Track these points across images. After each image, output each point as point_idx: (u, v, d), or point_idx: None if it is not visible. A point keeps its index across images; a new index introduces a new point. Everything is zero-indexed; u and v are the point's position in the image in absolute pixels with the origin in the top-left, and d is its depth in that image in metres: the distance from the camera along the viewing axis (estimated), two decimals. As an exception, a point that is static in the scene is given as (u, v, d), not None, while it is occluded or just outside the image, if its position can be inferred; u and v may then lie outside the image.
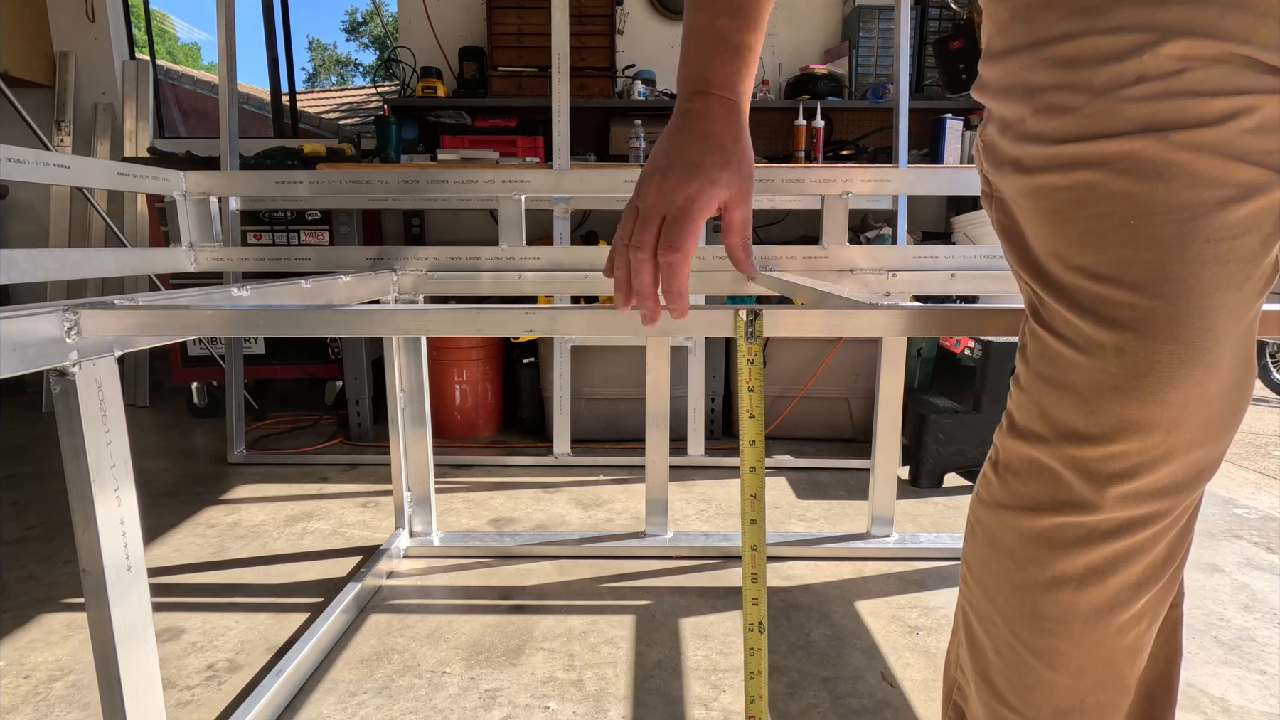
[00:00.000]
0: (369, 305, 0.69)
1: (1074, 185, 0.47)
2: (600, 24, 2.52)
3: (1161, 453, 0.46)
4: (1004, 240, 0.56)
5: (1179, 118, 0.43)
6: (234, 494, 1.79)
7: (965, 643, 0.60)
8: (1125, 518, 0.48)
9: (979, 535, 0.57)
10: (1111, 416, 0.46)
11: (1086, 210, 0.47)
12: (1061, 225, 0.48)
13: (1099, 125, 0.45)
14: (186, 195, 1.28)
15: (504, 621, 1.20)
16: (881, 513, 1.47)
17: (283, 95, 3.22)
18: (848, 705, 0.99)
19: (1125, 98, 0.44)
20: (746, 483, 0.64)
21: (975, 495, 0.58)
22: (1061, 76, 0.47)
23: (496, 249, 1.27)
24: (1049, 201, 0.49)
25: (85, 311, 0.63)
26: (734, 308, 0.63)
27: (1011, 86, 0.50)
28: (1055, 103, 0.47)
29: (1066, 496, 0.49)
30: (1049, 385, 0.49)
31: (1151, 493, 0.48)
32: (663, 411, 1.40)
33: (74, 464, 0.64)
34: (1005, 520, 0.53)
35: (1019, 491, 0.52)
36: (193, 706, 0.99)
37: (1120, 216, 0.45)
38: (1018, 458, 0.53)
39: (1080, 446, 0.48)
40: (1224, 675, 1.06)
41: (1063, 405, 0.49)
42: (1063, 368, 0.48)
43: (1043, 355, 0.50)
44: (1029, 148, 0.50)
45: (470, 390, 2.25)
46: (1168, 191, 0.44)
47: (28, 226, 2.90)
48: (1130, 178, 0.45)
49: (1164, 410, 0.45)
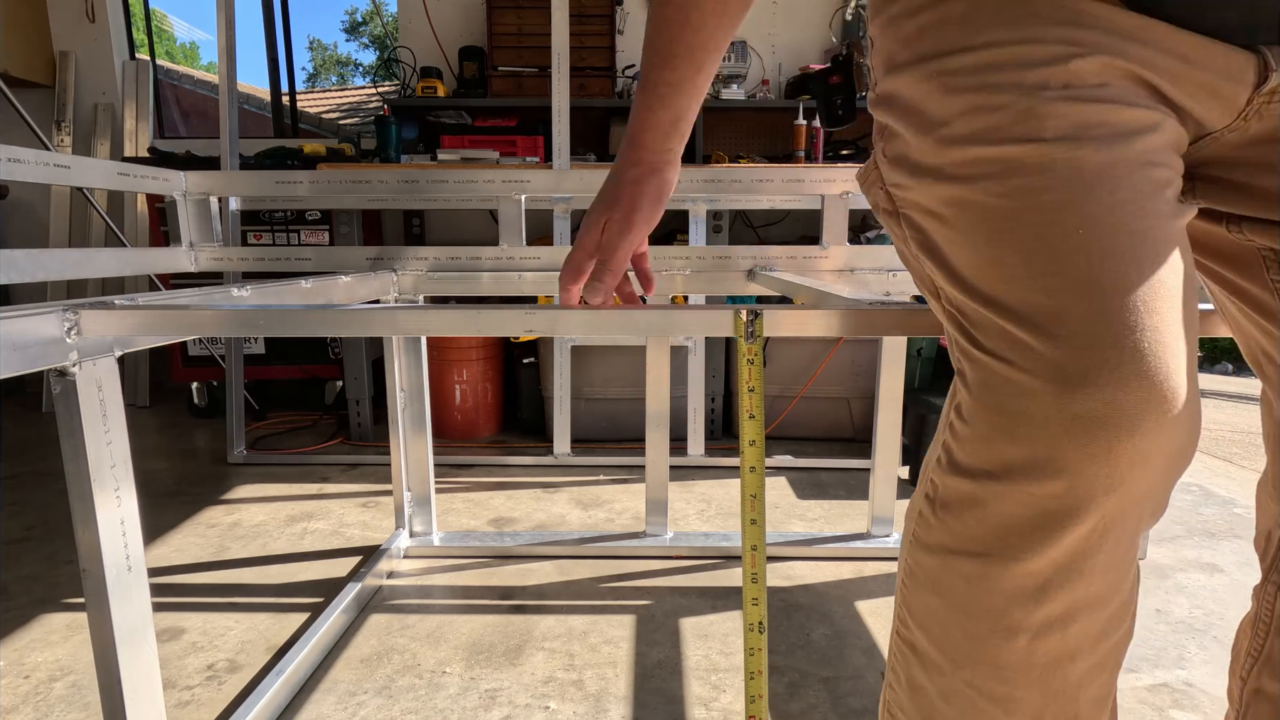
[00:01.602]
0: (369, 305, 0.69)
1: (1011, 192, 0.45)
2: (600, 24, 2.52)
3: (1140, 487, 0.42)
4: (922, 257, 0.52)
5: (1109, 126, 0.44)
6: (234, 494, 1.79)
7: (905, 688, 0.54)
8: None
9: (920, 579, 0.51)
10: (1075, 450, 0.41)
11: (1031, 219, 0.44)
12: (1000, 234, 0.45)
13: (1032, 125, 0.44)
14: (186, 195, 1.28)
15: (504, 621, 1.20)
16: (882, 513, 1.47)
17: (283, 95, 3.22)
18: (848, 705, 0.99)
19: (1056, 98, 0.44)
20: (746, 483, 0.64)
21: (911, 535, 0.52)
22: (988, 77, 0.46)
23: (496, 249, 1.27)
24: (980, 211, 0.46)
25: (85, 311, 0.63)
26: (734, 308, 0.63)
27: (929, 91, 0.49)
28: (983, 103, 0.46)
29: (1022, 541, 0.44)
30: (999, 415, 0.44)
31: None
32: (663, 411, 1.40)
33: (74, 464, 0.64)
34: (952, 565, 0.48)
35: (965, 534, 0.47)
36: (193, 706, 0.99)
37: (1067, 225, 0.43)
38: (962, 497, 0.47)
39: (1040, 483, 0.42)
40: (1224, 675, 1.06)
41: (1017, 438, 0.43)
42: (1013, 395, 0.43)
43: (986, 383, 0.45)
44: (955, 151, 0.47)
45: (470, 390, 2.25)
46: (1113, 200, 0.43)
47: (28, 226, 2.90)
48: (1073, 186, 0.43)
49: (1141, 439, 0.41)
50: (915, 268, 0.54)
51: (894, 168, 0.53)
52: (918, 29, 0.50)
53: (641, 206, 0.62)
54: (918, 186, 0.51)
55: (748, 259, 1.26)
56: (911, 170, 0.51)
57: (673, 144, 0.62)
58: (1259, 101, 0.47)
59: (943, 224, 0.49)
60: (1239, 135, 0.49)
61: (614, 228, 0.62)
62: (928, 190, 0.50)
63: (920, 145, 0.50)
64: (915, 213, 0.52)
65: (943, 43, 0.49)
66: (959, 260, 0.48)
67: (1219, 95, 0.47)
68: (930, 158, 0.49)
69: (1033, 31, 0.45)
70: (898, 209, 0.54)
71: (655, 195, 0.62)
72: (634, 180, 0.62)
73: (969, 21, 0.47)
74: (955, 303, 0.49)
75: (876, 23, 0.55)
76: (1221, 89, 0.47)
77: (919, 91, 0.50)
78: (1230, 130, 0.49)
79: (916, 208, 0.52)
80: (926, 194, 0.50)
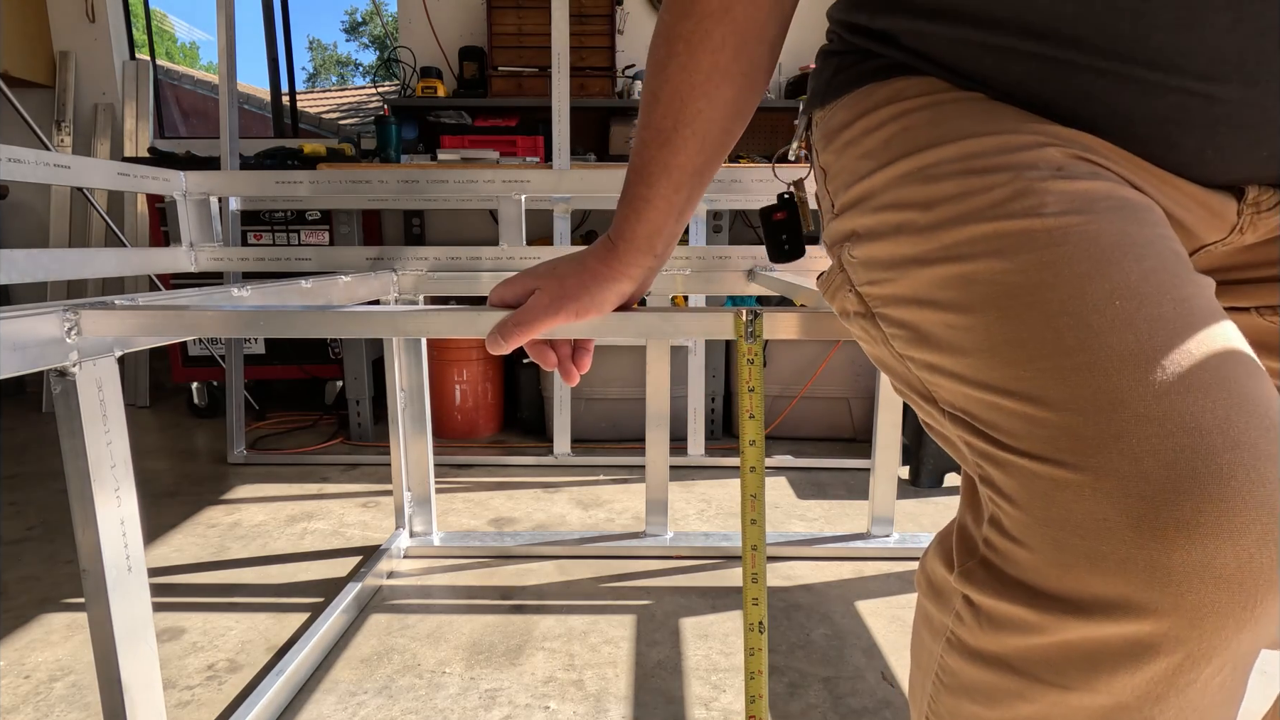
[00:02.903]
0: (369, 306, 0.69)
1: (1024, 267, 0.38)
2: (600, 24, 2.51)
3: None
4: (910, 354, 0.45)
5: (1116, 199, 0.40)
6: (234, 494, 1.79)
7: None
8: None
9: (953, 688, 0.42)
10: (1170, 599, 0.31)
11: (1053, 293, 0.37)
12: (1018, 311, 0.38)
13: (1032, 201, 0.40)
14: (186, 195, 1.28)
15: (504, 621, 1.20)
16: (882, 513, 1.47)
17: (283, 95, 3.21)
18: (848, 705, 0.99)
19: (1050, 177, 0.41)
20: (747, 483, 0.64)
21: (945, 642, 0.42)
22: (972, 163, 0.42)
23: (496, 249, 1.27)
24: (988, 287, 0.39)
25: (85, 312, 0.63)
26: (734, 310, 0.63)
27: (907, 183, 0.45)
28: (973, 185, 0.41)
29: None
30: (1067, 534, 0.33)
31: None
32: (663, 411, 1.40)
33: (74, 464, 0.64)
34: (1013, 685, 0.38)
35: (1027, 655, 0.36)
36: (193, 706, 0.99)
37: (1098, 295, 0.36)
38: (1022, 622, 0.36)
39: (1136, 621, 0.32)
40: (1224, 675, 1.06)
41: (1098, 568, 0.33)
42: (1082, 514, 0.33)
43: (1036, 492, 0.35)
44: (947, 233, 0.42)
45: (470, 390, 2.25)
46: (1142, 269, 0.37)
47: (28, 226, 2.90)
48: (1093, 255, 0.37)
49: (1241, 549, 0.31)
50: (899, 370, 0.47)
51: (866, 267, 0.48)
52: (883, 141, 0.48)
53: (580, 298, 0.57)
54: (901, 278, 0.44)
55: (747, 259, 1.26)
56: (889, 264, 0.45)
57: (646, 261, 0.57)
58: (1249, 213, 0.46)
59: (939, 309, 0.41)
60: (1235, 245, 0.48)
61: (542, 299, 0.57)
62: (915, 277, 0.43)
63: (899, 237, 0.44)
64: (897, 307, 0.45)
65: (914, 143, 0.45)
66: (966, 343, 0.40)
67: (1208, 207, 0.46)
68: (914, 247, 0.43)
69: (1006, 125, 0.43)
70: (871, 310, 0.48)
71: (601, 299, 0.58)
72: (594, 276, 0.57)
73: (937, 123, 0.45)
74: (960, 401, 0.41)
75: (830, 151, 0.54)
76: (1210, 202, 0.45)
77: (896, 184, 0.45)
78: (1224, 244, 0.48)
79: (899, 301, 0.45)
80: (914, 282, 0.43)
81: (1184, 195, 0.45)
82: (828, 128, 0.54)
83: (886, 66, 0.50)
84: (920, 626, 0.46)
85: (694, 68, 0.50)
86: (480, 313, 0.62)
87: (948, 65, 0.47)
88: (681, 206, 0.55)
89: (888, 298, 0.46)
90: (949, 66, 0.47)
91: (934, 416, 0.44)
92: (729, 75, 0.50)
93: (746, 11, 0.49)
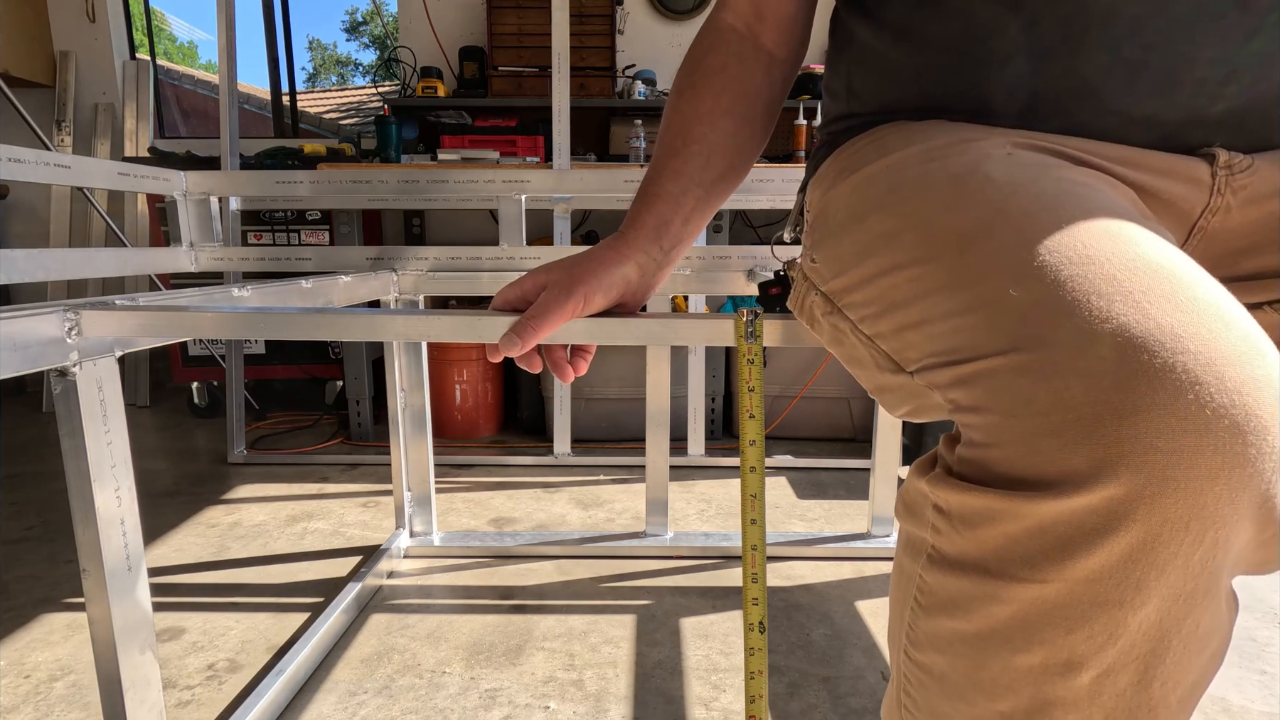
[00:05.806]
0: (369, 308, 0.69)
1: (982, 215, 0.44)
2: (600, 24, 2.51)
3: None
4: (881, 320, 0.47)
5: (1064, 169, 0.48)
6: (234, 494, 1.79)
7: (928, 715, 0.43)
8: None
9: (930, 608, 0.41)
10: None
11: (1010, 223, 0.41)
12: (978, 244, 0.41)
13: (987, 167, 0.47)
14: (187, 195, 1.28)
15: (504, 621, 1.20)
16: (882, 512, 1.47)
17: (283, 95, 3.21)
18: (848, 705, 0.99)
19: (1002, 158, 0.47)
20: (747, 483, 0.64)
21: (925, 559, 0.41)
22: (934, 152, 0.50)
23: (497, 249, 1.27)
24: (950, 234, 0.43)
25: (86, 312, 0.63)
26: (735, 315, 0.63)
27: (876, 174, 0.53)
28: (930, 170, 0.49)
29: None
30: (1032, 416, 0.35)
31: None
32: (663, 411, 1.40)
33: (74, 464, 0.64)
34: (985, 586, 0.37)
35: (1001, 550, 0.36)
36: (193, 706, 0.99)
37: (1050, 224, 0.40)
38: (993, 512, 0.36)
39: (1105, 486, 0.32)
40: (1224, 675, 1.06)
41: (1063, 440, 0.34)
42: (1045, 397, 0.34)
43: (1001, 389, 0.36)
44: (907, 205, 0.49)
45: (470, 390, 2.25)
46: (1088, 208, 0.41)
47: (28, 226, 2.90)
48: (1041, 202, 0.43)
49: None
50: (868, 357, 0.49)
51: (829, 264, 0.53)
52: (855, 151, 0.56)
53: (588, 280, 0.58)
54: (868, 258, 0.48)
55: (748, 259, 1.26)
56: (853, 254, 0.50)
57: (652, 250, 0.60)
58: (1222, 175, 0.48)
59: (903, 269, 0.44)
60: (1228, 221, 0.49)
61: (555, 293, 0.57)
62: (881, 252, 0.47)
63: (868, 219, 0.50)
64: (863, 288, 0.48)
65: (885, 148, 0.53)
66: (931, 284, 0.42)
67: (1179, 174, 0.48)
68: (881, 224, 0.48)
69: (969, 132, 0.50)
70: (837, 304, 0.52)
71: (609, 281, 0.59)
72: (602, 261, 0.59)
73: (908, 135, 0.52)
74: (929, 344, 0.42)
75: (815, 191, 0.60)
76: (1178, 167, 0.48)
77: (864, 183, 0.53)
78: (1212, 213, 0.49)
79: (864, 282, 0.48)
80: (880, 259, 0.47)
81: (1155, 169, 0.48)
82: (817, 187, 0.61)
83: (863, 125, 0.58)
84: (900, 555, 0.45)
85: (699, 104, 0.61)
86: (481, 317, 0.62)
87: (910, 107, 0.55)
88: (689, 211, 0.60)
89: (853, 284, 0.50)
90: (912, 107, 0.55)
91: (906, 390, 0.47)
92: (729, 113, 0.61)
93: (739, 71, 0.61)
